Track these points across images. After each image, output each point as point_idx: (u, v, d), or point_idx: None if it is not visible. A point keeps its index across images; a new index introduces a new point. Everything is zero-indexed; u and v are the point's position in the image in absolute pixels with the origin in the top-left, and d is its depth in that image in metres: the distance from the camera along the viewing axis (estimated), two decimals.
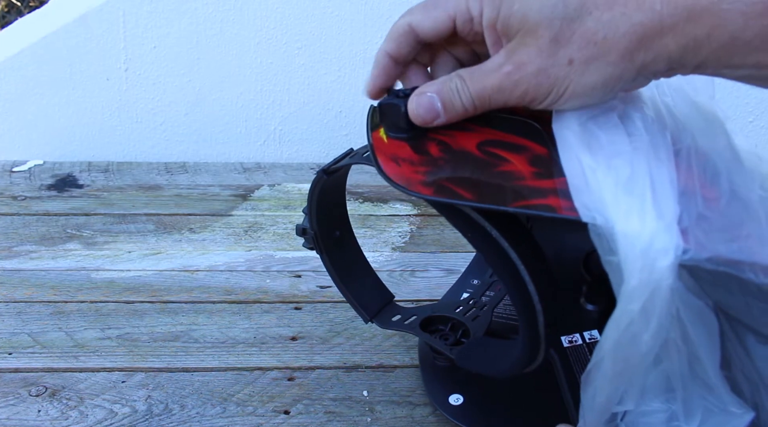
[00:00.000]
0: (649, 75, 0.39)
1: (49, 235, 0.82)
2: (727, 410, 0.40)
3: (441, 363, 0.56)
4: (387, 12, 1.11)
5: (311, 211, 0.54)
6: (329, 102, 1.14)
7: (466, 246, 0.83)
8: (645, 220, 0.35)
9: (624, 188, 0.36)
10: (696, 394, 0.40)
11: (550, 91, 0.39)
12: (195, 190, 0.98)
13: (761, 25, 0.35)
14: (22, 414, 0.53)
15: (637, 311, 0.35)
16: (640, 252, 0.34)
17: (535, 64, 0.38)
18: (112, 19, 1.08)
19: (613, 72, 0.38)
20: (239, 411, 0.54)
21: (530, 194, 0.38)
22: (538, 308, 0.41)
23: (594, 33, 0.37)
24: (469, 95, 0.41)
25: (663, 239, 0.34)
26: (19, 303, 0.68)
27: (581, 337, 0.55)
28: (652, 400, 0.41)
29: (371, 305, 0.59)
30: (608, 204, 0.35)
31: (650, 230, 0.34)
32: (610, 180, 0.36)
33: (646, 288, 0.34)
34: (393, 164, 0.42)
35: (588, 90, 0.38)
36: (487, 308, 0.58)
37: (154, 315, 0.67)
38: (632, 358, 0.37)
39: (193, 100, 1.13)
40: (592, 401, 0.39)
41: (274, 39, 1.11)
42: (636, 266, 0.34)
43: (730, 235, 0.36)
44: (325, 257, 0.57)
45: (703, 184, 0.38)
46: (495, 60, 0.40)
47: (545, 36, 0.38)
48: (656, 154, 0.38)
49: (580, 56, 0.37)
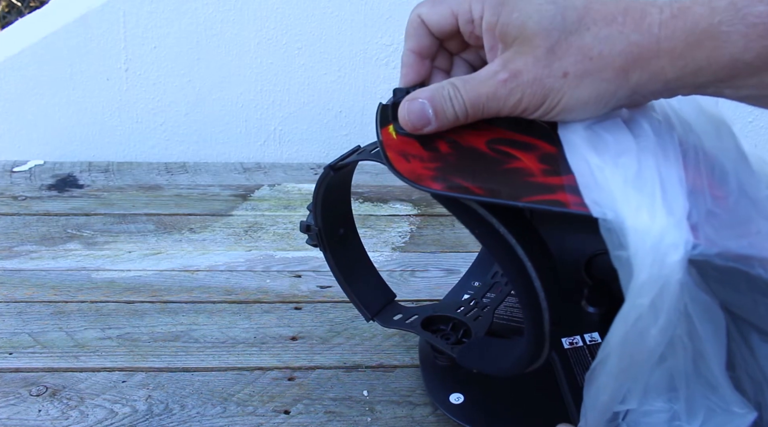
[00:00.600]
0: (647, 94, 0.39)
1: (49, 235, 0.83)
2: (729, 410, 0.40)
3: (442, 362, 0.56)
4: (387, 12, 1.11)
5: (316, 208, 0.54)
6: (329, 102, 1.14)
7: (466, 246, 0.83)
8: (655, 215, 0.35)
9: (633, 185, 0.36)
10: (699, 393, 0.40)
11: (543, 102, 0.39)
12: (195, 190, 0.98)
13: (762, 46, 0.35)
14: (23, 414, 0.53)
15: (646, 306, 0.35)
16: (651, 247, 0.34)
17: (531, 73, 0.38)
18: (113, 20, 1.08)
19: (607, 88, 0.38)
20: (239, 411, 0.54)
21: (540, 190, 0.38)
22: (543, 305, 0.41)
23: (590, 48, 0.37)
24: (462, 103, 0.41)
25: (673, 235, 0.34)
26: (20, 303, 0.68)
27: (582, 339, 0.55)
28: (654, 399, 0.41)
29: (373, 303, 0.59)
30: (618, 200, 0.36)
31: (660, 226, 0.34)
32: (618, 177, 0.36)
33: (655, 283, 0.34)
34: (402, 160, 0.42)
35: (581, 104, 0.39)
36: (489, 309, 0.58)
37: (154, 315, 0.67)
38: (639, 353, 0.37)
39: (193, 100, 1.13)
40: (596, 399, 0.39)
41: (274, 39, 1.11)
42: (646, 261, 0.34)
43: (739, 231, 0.36)
44: (328, 255, 0.57)
45: (711, 183, 0.38)
46: (490, 68, 0.40)
47: (542, 46, 0.38)
48: (664, 154, 0.38)
49: (575, 70, 0.38)
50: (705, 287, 0.38)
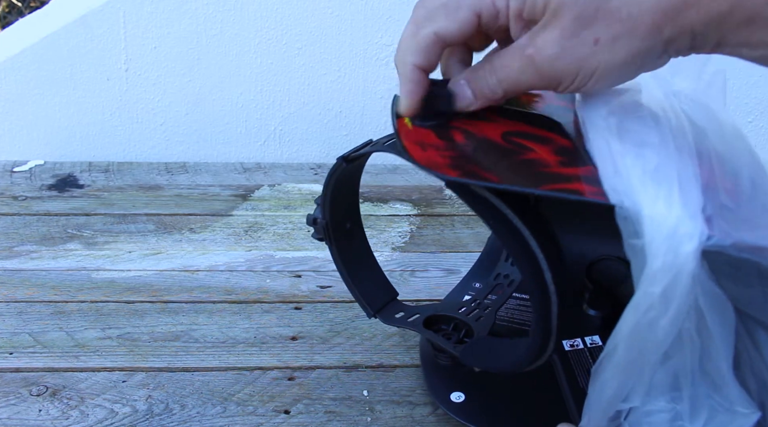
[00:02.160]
0: (672, 52, 0.39)
1: (49, 235, 0.83)
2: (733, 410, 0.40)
3: (443, 361, 0.57)
4: (387, 12, 1.11)
5: (325, 201, 0.54)
6: (329, 102, 1.14)
7: (466, 246, 0.83)
8: (671, 206, 0.35)
9: (651, 177, 0.36)
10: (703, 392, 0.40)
11: (577, 72, 0.39)
12: (195, 190, 0.98)
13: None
14: (23, 414, 0.53)
15: (658, 295, 0.35)
16: (666, 236, 0.35)
17: (558, 45, 0.38)
18: (113, 20, 1.08)
19: (641, 46, 0.38)
20: (239, 411, 0.54)
21: (556, 179, 0.39)
22: (553, 298, 0.41)
23: (618, 10, 0.37)
24: (496, 80, 0.41)
25: (688, 225, 0.35)
26: (20, 303, 0.68)
27: (583, 342, 0.55)
28: (657, 399, 0.41)
29: (376, 300, 0.59)
30: (636, 189, 0.36)
31: (676, 216, 0.35)
32: (638, 167, 0.37)
33: (669, 272, 0.35)
34: (419, 149, 0.42)
35: (618, 68, 0.38)
36: (491, 310, 0.58)
37: (154, 315, 0.67)
38: (648, 345, 0.37)
39: (193, 100, 1.13)
40: (600, 394, 0.39)
41: (274, 39, 1.11)
42: (661, 249, 0.35)
43: (753, 224, 0.37)
44: (333, 249, 0.57)
45: (724, 181, 0.39)
46: (518, 43, 0.40)
47: (568, 17, 0.38)
48: (680, 151, 0.39)
49: (606, 35, 0.37)
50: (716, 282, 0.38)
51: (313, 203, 0.56)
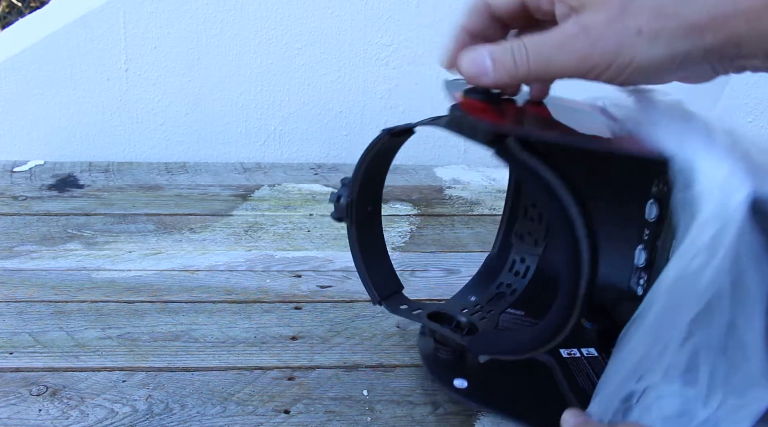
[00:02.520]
0: (715, 62, 0.38)
1: (49, 235, 0.83)
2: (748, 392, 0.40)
3: (443, 355, 0.57)
4: (387, 12, 1.11)
5: (356, 178, 0.55)
6: (329, 102, 1.14)
7: (466, 246, 0.83)
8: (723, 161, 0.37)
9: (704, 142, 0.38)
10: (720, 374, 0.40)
11: (614, 60, 0.38)
12: (195, 190, 0.98)
13: None
14: (23, 414, 0.53)
15: (706, 241, 0.36)
16: (718, 185, 0.36)
17: (602, 28, 0.38)
18: (113, 20, 1.08)
19: (680, 48, 0.37)
20: (239, 411, 0.54)
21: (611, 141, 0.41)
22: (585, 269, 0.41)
23: (666, 6, 0.37)
24: (525, 54, 0.40)
25: (739, 176, 0.36)
26: (20, 303, 0.68)
27: (579, 352, 0.55)
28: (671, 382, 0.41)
29: (383, 288, 0.59)
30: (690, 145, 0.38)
31: (728, 168, 0.36)
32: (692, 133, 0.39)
33: (719, 219, 0.36)
34: (476, 112, 0.43)
35: (654, 64, 0.38)
36: (494, 313, 0.58)
37: (154, 315, 0.67)
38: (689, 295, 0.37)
39: (193, 100, 1.13)
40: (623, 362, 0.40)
41: (274, 39, 1.11)
42: (713, 197, 0.36)
43: None
44: (353, 230, 0.57)
45: None
46: (560, 25, 0.40)
47: (616, 4, 0.38)
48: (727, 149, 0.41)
49: (650, 27, 0.37)
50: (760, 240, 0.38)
51: (313, 203, 0.56)
